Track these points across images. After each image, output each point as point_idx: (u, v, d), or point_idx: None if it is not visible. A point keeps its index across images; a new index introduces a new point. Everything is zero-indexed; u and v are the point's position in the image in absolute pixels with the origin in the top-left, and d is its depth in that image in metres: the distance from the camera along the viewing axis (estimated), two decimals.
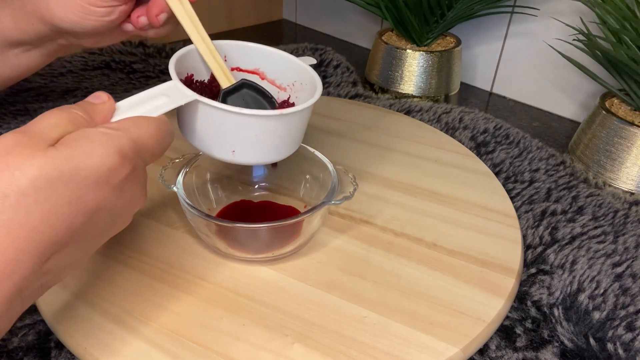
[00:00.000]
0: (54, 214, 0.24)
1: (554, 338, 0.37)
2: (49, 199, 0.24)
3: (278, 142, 0.36)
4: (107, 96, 0.30)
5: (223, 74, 0.39)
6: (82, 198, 0.25)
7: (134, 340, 0.34)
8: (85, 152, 0.25)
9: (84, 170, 0.25)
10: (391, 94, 0.73)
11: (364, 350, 0.34)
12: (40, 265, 0.25)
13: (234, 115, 0.33)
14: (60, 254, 0.26)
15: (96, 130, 0.27)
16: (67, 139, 0.26)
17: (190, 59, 0.39)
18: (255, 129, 0.34)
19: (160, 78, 0.71)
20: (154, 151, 0.30)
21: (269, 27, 1.00)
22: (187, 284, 0.38)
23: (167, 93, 0.33)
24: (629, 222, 0.47)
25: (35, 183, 0.24)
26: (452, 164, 0.54)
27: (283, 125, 0.35)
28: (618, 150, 0.54)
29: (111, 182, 0.27)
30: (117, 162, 0.27)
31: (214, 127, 0.34)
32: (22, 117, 0.57)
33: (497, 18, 0.72)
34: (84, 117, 0.28)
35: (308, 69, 0.39)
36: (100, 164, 0.26)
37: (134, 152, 0.28)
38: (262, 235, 0.39)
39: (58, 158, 0.25)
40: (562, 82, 0.70)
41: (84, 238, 0.27)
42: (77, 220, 0.25)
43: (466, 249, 0.42)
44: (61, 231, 0.25)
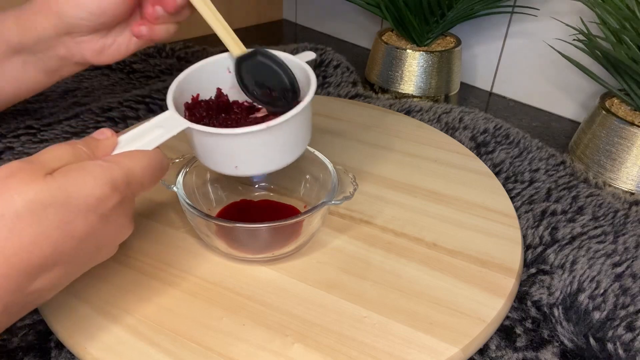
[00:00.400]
0: (44, 236, 0.26)
1: (554, 338, 0.37)
2: (40, 223, 0.26)
3: (278, 150, 0.37)
4: (110, 133, 0.32)
5: (234, 42, 0.39)
6: (71, 224, 0.27)
7: (134, 340, 0.34)
8: (78, 182, 0.28)
9: (75, 199, 0.27)
10: (391, 94, 0.73)
11: (364, 350, 0.34)
12: (27, 285, 0.27)
13: (225, 136, 0.34)
14: (46, 275, 0.27)
15: (92, 162, 0.29)
16: (65, 169, 0.28)
17: (194, 80, 0.40)
18: (249, 145, 0.35)
19: (160, 78, 0.71)
20: (143, 183, 0.32)
21: (269, 27, 1.00)
22: (187, 284, 0.38)
23: (162, 124, 0.34)
24: (629, 222, 0.47)
25: (30, 206, 0.26)
26: (452, 164, 0.54)
27: (276, 135, 0.36)
28: (618, 150, 0.54)
29: (99, 211, 0.28)
30: (106, 192, 0.28)
31: (212, 148, 0.36)
32: (22, 117, 0.57)
33: (497, 18, 0.72)
34: (86, 151, 0.30)
35: (306, 68, 0.39)
36: (91, 193, 0.28)
37: (124, 183, 0.30)
38: (262, 235, 0.39)
39: (53, 185, 0.27)
40: (562, 82, 0.70)
41: (69, 262, 0.28)
42: (64, 245, 0.27)
43: (466, 249, 0.42)
44: (49, 253, 0.27)
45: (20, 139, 0.54)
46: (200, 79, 0.40)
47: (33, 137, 0.54)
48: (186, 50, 0.79)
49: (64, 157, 0.29)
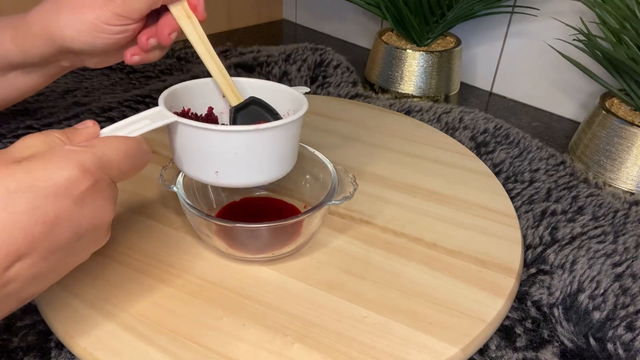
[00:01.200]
0: (12, 222, 0.26)
1: (554, 338, 0.37)
2: (6, 209, 0.25)
3: (261, 161, 0.36)
4: (92, 122, 0.32)
5: (232, 93, 0.40)
6: (41, 208, 0.26)
7: (134, 340, 0.34)
8: (45, 166, 0.27)
9: (42, 182, 0.26)
10: (391, 94, 0.73)
11: (364, 350, 0.34)
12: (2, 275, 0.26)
13: (212, 132, 0.34)
14: (23, 263, 0.27)
15: (62, 147, 0.29)
16: (33, 156, 0.27)
17: (187, 94, 0.40)
18: (234, 147, 0.35)
19: (160, 78, 0.71)
20: (121, 167, 0.31)
21: (269, 27, 1.00)
22: (188, 284, 0.38)
23: (150, 117, 0.34)
24: (629, 222, 0.47)
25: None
26: (452, 164, 0.54)
27: (263, 142, 0.35)
28: (618, 150, 0.54)
29: (71, 194, 0.27)
30: (75, 174, 0.28)
31: (195, 147, 0.35)
32: (21, 117, 0.57)
33: (497, 18, 0.72)
34: (61, 139, 0.30)
35: (299, 96, 0.40)
36: (58, 176, 0.27)
37: (96, 166, 0.29)
38: (262, 235, 0.39)
39: (19, 171, 0.26)
40: (562, 82, 0.70)
41: (47, 249, 0.27)
42: (35, 230, 0.26)
43: (466, 249, 0.42)
44: (19, 239, 0.26)
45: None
46: (194, 93, 0.40)
47: None
48: (186, 50, 0.79)
49: (35, 145, 0.28)
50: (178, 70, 0.74)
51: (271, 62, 0.73)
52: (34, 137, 0.29)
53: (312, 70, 0.73)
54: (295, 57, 0.75)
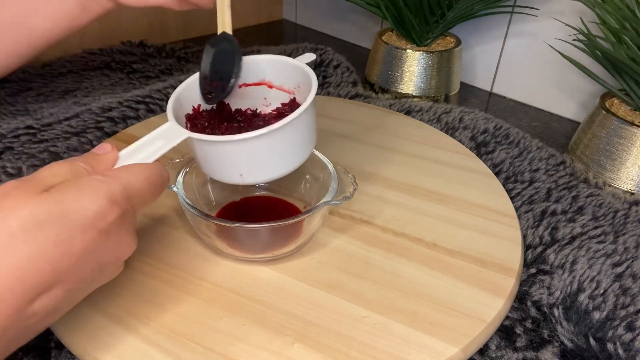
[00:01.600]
0: (40, 254, 0.25)
1: (554, 338, 0.37)
2: (36, 240, 0.25)
3: (281, 155, 0.36)
4: (110, 147, 0.31)
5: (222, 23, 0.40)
6: (69, 241, 0.26)
7: (134, 340, 0.34)
8: (75, 196, 0.27)
9: (72, 213, 0.26)
10: (391, 94, 0.73)
11: (364, 350, 0.34)
12: (25, 306, 0.25)
13: (224, 144, 0.34)
14: (46, 296, 0.26)
15: (90, 177, 0.28)
16: (61, 185, 0.27)
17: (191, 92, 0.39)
18: (251, 150, 0.35)
19: (160, 78, 0.71)
20: (144, 196, 0.31)
21: (269, 27, 1.00)
22: (187, 284, 0.38)
23: (163, 136, 0.34)
24: (629, 222, 0.47)
25: (24, 224, 0.25)
26: (452, 164, 0.54)
27: (279, 139, 0.35)
28: (618, 150, 0.54)
29: (98, 226, 0.27)
30: (105, 206, 0.27)
31: (214, 157, 0.35)
32: (22, 117, 0.57)
33: (497, 18, 0.72)
34: (85, 167, 0.29)
35: (307, 71, 0.39)
36: (88, 208, 0.27)
37: (124, 197, 0.29)
38: (262, 235, 0.39)
39: (48, 201, 0.26)
40: (562, 82, 0.70)
41: (71, 282, 0.27)
42: (63, 262, 0.26)
43: (466, 249, 0.42)
44: (46, 272, 0.25)
45: (20, 139, 0.54)
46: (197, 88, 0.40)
47: (33, 137, 0.54)
48: (186, 50, 0.79)
49: (61, 174, 0.28)
50: (178, 70, 0.74)
51: None
52: (60, 165, 0.28)
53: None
54: (295, 56, 0.74)
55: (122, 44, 0.77)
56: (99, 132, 0.57)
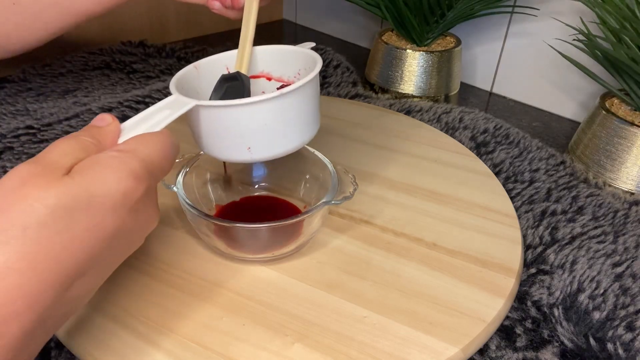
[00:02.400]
0: (75, 242, 0.25)
1: (554, 338, 0.37)
2: (69, 228, 0.24)
3: (290, 128, 0.35)
4: (111, 117, 0.30)
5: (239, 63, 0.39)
6: (101, 224, 0.26)
7: (133, 340, 0.34)
8: (100, 179, 0.26)
9: (100, 197, 0.25)
10: (391, 94, 0.73)
11: (364, 350, 0.34)
12: (62, 294, 0.25)
13: (239, 107, 0.33)
14: (81, 281, 0.26)
15: (107, 155, 0.27)
16: (80, 167, 0.26)
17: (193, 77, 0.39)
18: (263, 117, 0.33)
19: (160, 78, 0.71)
20: (163, 167, 0.30)
21: (269, 27, 1.00)
22: (187, 284, 0.38)
23: (168, 106, 0.33)
24: (629, 222, 0.47)
25: (54, 213, 0.24)
26: (452, 164, 0.54)
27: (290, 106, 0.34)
28: (618, 150, 0.54)
29: (127, 205, 0.27)
30: (131, 184, 0.27)
31: (222, 128, 0.34)
32: (22, 117, 0.57)
33: (497, 18, 0.72)
34: (93, 142, 0.28)
35: (307, 52, 0.38)
36: (115, 189, 0.26)
37: (145, 171, 0.28)
38: (262, 235, 0.39)
39: (74, 186, 0.25)
40: (562, 82, 0.70)
41: (103, 263, 0.27)
42: (97, 246, 0.26)
43: (466, 249, 0.42)
44: (82, 258, 0.25)
45: (20, 139, 0.54)
46: (199, 78, 0.40)
47: (33, 137, 0.54)
48: (186, 50, 0.79)
49: (71, 152, 0.27)
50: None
51: None
52: (67, 143, 0.27)
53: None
54: None
55: (122, 44, 0.77)
56: None
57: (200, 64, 0.39)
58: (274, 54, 0.41)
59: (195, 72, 0.39)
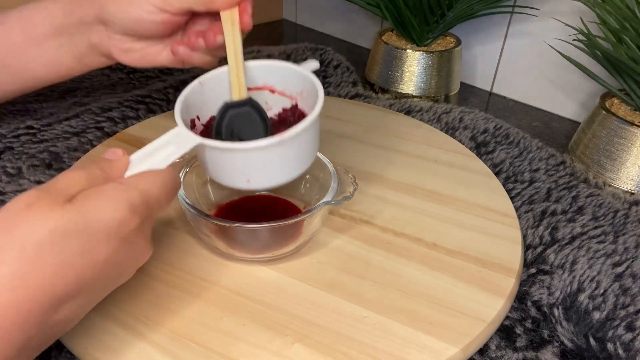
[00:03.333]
0: (67, 265, 0.26)
1: (554, 338, 0.37)
2: (63, 252, 0.25)
3: (289, 162, 0.36)
4: (122, 152, 0.32)
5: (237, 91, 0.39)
6: (93, 250, 0.27)
7: (133, 341, 0.34)
8: (98, 206, 0.27)
9: (96, 223, 0.27)
10: (391, 94, 0.73)
11: (364, 350, 0.34)
12: (50, 315, 0.26)
13: (236, 151, 0.34)
14: (69, 304, 0.27)
15: (109, 185, 0.29)
16: (83, 195, 0.27)
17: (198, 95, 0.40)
18: (261, 158, 0.35)
19: (160, 78, 0.71)
20: (161, 202, 0.31)
21: (269, 27, 1.00)
22: (187, 284, 0.38)
23: (173, 141, 0.34)
24: (629, 222, 0.47)
25: (51, 236, 0.25)
26: (452, 164, 0.54)
27: (289, 147, 0.35)
28: (618, 150, 0.54)
29: (120, 234, 0.28)
30: (127, 215, 0.28)
31: (223, 163, 0.36)
32: (22, 117, 0.57)
33: (497, 18, 0.72)
34: (101, 174, 0.30)
35: (313, 79, 0.39)
36: (111, 218, 0.27)
37: (143, 205, 0.29)
38: (262, 235, 0.39)
39: (73, 212, 0.26)
40: (562, 82, 0.70)
41: (93, 289, 0.28)
42: (87, 272, 0.27)
43: (466, 249, 0.42)
44: (72, 282, 0.26)
45: (20, 139, 0.54)
46: (204, 93, 0.40)
47: (33, 137, 0.54)
48: None
49: (79, 182, 0.28)
50: (178, 70, 0.74)
51: None
52: (77, 173, 0.29)
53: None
54: (295, 57, 0.75)
55: None
56: (99, 132, 0.57)
57: (204, 80, 0.40)
58: (279, 70, 0.41)
59: (200, 88, 0.40)
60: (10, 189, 0.47)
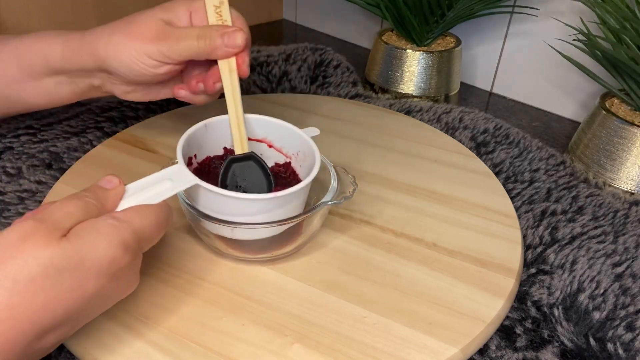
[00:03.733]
0: (56, 300, 0.27)
1: (554, 338, 0.37)
2: (54, 287, 0.26)
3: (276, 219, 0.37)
4: (118, 181, 0.33)
5: (240, 144, 0.41)
6: (83, 286, 0.28)
7: (133, 340, 0.34)
8: (92, 244, 0.28)
9: (89, 261, 0.28)
10: (391, 94, 0.73)
11: (363, 350, 0.34)
12: (35, 343, 0.27)
13: (230, 199, 0.35)
14: (54, 333, 0.28)
15: (104, 222, 0.29)
16: (78, 230, 0.28)
17: (200, 135, 0.41)
18: (251, 210, 0.36)
19: None
20: (152, 238, 0.32)
21: (269, 27, 1.00)
22: (187, 284, 0.38)
23: (171, 177, 0.35)
24: (629, 222, 0.47)
25: (45, 271, 0.26)
26: (452, 164, 0.54)
27: (278, 205, 0.37)
28: (618, 150, 0.54)
29: (111, 271, 0.29)
30: (119, 253, 0.29)
31: (213, 207, 0.37)
32: (22, 117, 0.57)
33: (497, 18, 0.72)
34: (96, 205, 0.31)
35: (310, 143, 0.41)
36: (104, 255, 0.28)
37: (135, 242, 0.30)
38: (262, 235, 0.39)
39: (68, 249, 0.27)
40: (562, 82, 0.70)
41: (77, 319, 0.29)
42: (76, 305, 0.28)
43: (466, 249, 0.42)
44: (60, 314, 0.27)
45: (20, 139, 0.54)
46: (206, 134, 0.41)
47: (33, 137, 0.54)
48: None
49: (75, 213, 0.29)
50: None
51: (271, 62, 0.73)
52: (72, 205, 0.29)
53: (312, 70, 0.73)
54: (295, 57, 0.75)
55: None
56: (99, 132, 0.57)
57: (210, 123, 0.42)
58: (280, 128, 0.43)
59: (204, 129, 0.41)
60: (10, 189, 0.47)
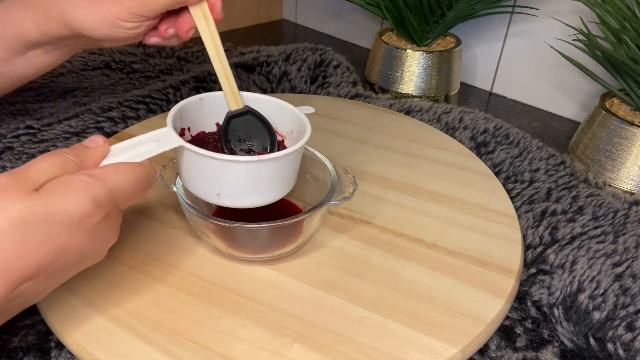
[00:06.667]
0: (27, 251, 0.27)
1: (554, 338, 0.37)
2: (24, 238, 0.27)
3: (262, 187, 0.37)
4: (102, 140, 0.32)
5: (232, 97, 0.41)
6: (54, 240, 0.28)
7: (133, 340, 0.34)
8: (62, 199, 0.28)
9: (58, 215, 0.28)
10: (391, 94, 0.73)
11: (363, 350, 0.34)
12: (10, 292, 0.28)
13: (215, 160, 0.35)
14: (30, 283, 0.28)
15: (77, 177, 0.29)
16: (50, 185, 0.28)
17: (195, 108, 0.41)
18: (236, 174, 0.36)
19: (160, 78, 0.71)
20: (128, 197, 0.32)
21: (269, 27, 1.00)
22: (187, 284, 0.38)
23: (157, 139, 0.35)
24: (629, 222, 0.47)
25: (13, 223, 0.27)
26: (452, 164, 0.54)
27: (264, 170, 0.36)
28: (618, 150, 0.54)
29: (83, 227, 0.29)
30: (90, 209, 0.29)
31: (199, 171, 0.36)
32: (22, 117, 0.57)
33: (497, 18, 0.72)
34: (75, 161, 0.30)
35: (304, 119, 0.40)
36: (74, 211, 0.28)
37: (108, 199, 0.30)
38: (262, 235, 0.39)
39: (37, 202, 0.27)
40: (562, 82, 0.70)
41: (53, 272, 0.29)
42: (47, 258, 0.28)
43: (466, 249, 0.42)
44: (32, 266, 0.28)
45: (20, 139, 0.54)
46: (201, 110, 0.41)
47: (33, 137, 0.54)
48: (186, 50, 0.79)
49: (50, 170, 0.29)
50: (178, 70, 0.74)
51: (271, 62, 0.73)
52: (49, 161, 0.29)
53: (312, 70, 0.73)
54: (295, 57, 0.75)
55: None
56: (99, 132, 0.57)
57: (205, 97, 0.41)
58: (274, 106, 0.43)
59: (199, 103, 0.41)
60: None
